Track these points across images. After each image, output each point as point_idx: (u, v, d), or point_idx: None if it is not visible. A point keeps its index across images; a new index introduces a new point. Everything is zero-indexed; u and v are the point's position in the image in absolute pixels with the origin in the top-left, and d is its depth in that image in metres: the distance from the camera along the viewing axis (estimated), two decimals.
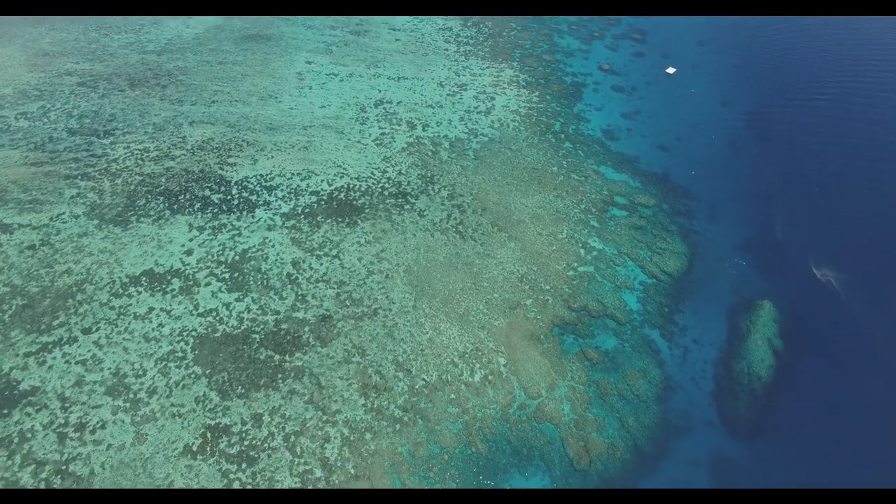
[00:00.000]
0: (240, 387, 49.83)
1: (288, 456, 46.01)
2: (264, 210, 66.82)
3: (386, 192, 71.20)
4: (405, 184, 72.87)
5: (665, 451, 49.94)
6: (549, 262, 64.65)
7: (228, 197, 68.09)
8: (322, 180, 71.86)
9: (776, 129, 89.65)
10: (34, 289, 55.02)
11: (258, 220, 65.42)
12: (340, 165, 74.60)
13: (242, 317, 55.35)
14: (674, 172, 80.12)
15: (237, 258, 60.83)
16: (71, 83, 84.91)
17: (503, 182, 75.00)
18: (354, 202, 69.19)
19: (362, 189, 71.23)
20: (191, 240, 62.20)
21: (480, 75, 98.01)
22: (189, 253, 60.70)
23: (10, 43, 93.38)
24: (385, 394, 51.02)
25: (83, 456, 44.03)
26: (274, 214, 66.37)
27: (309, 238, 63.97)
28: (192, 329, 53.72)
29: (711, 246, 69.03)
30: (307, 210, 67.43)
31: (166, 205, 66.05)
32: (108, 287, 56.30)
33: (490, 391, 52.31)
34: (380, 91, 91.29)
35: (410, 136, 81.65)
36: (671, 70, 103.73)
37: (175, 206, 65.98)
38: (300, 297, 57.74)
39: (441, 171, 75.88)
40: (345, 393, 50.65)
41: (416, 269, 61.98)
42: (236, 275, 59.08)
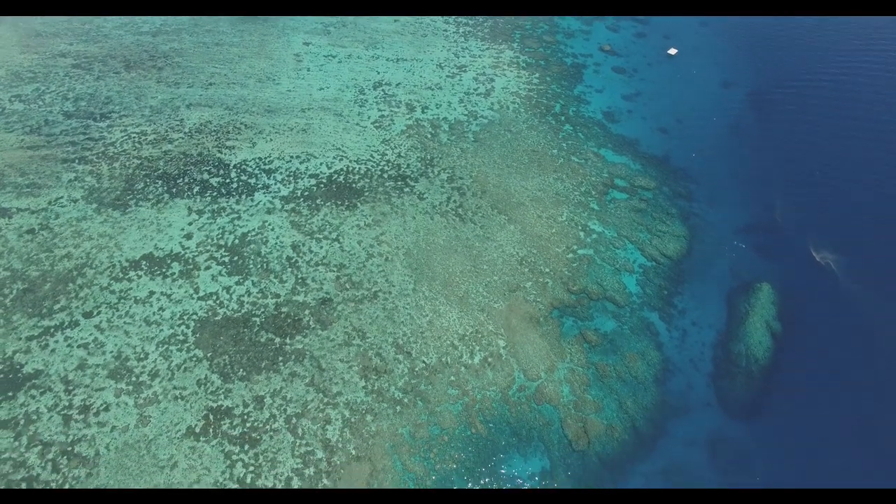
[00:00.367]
0: (241, 369, 50.21)
1: (290, 437, 46.53)
2: (263, 193, 66.59)
3: (385, 175, 70.90)
4: (404, 166, 72.54)
5: (663, 431, 50.54)
6: (549, 244, 64.68)
7: (227, 180, 67.80)
8: (321, 163, 71.49)
9: (778, 110, 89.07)
10: (34, 273, 55.07)
11: (257, 204, 65.23)
12: (339, 148, 74.16)
13: (243, 300, 55.52)
14: (674, 155, 79.77)
15: (237, 242, 60.80)
16: (65, 65, 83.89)
17: (503, 165, 74.67)
18: (354, 185, 68.94)
19: (361, 172, 70.91)
20: (190, 223, 62.08)
21: (480, 57, 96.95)
22: (189, 237, 60.64)
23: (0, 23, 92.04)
24: (385, 376, 51.44)
25: (88, 437, 44.54)
26: (273, 198, 66.16)
27: (308, 221, 63.86)
28: (192, 313, 53.92)
29: (711, 229, 69.05)
30: (306, 193, 67.20)
31: (165, 188, 65.79)
32: (108, 271, 56.36)
33: (490, 373, 52.74)
34: (378, 73, 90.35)
35: (410, 119, 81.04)
36: (673, 51, 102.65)
37: (174, 190, 65.72)
38: (300, 281, 57.87)
39: (440, 153, 75.47)
40: (345, 375, 51.07)
41: (415, 251, 62.01)
42: (236, 258, 59.11)
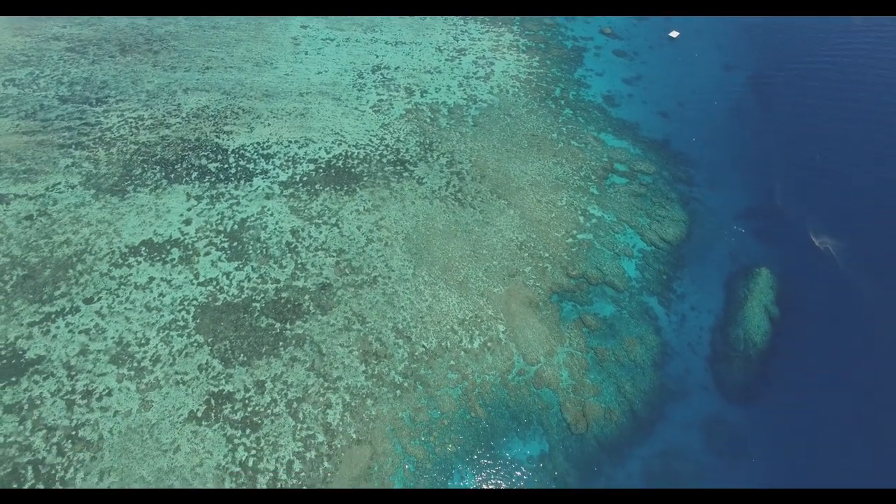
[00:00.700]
0: (242, 355, 50.49)
1: (291, 421, 46.97)
2: (262, 178, 66.31)
3: (384, 160, 70.55)
4: (403, 151, 72.14)
5: (661, 415, 51.01)
6: (549, 229, 64.63)
7: (226, 165, 67.46)
8: (320, 148, 71.08)
9: (779, 94, 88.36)
10: (34, 259, 55.05)
11: (256, 189, 64.99)
12: (338, 133, 73.67)
13: (243, 286, 55.62)
14: (675, 139, 79.31)
15: (236, 227, 60.70)
16: (59, 48, 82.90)
17: (502, 149, 74.26)
18: (353, 170, 68.63)
19: (360, 157, 70.55)
20: (189, 209, 61.92)
21: (479, 40, 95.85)
22: (188, 222, 60.52)
23: None
24: (385, 360, 51.75)
25: (91, 422, 44.94)
26: (272, 183, 65.90)
27: (307, 206, 63.70)
28: (192, 298, 54.05)
29: (711, 213, 68.93)
30: (305, 178, 66.92)
31: (163, 174, 65.48)
32: (107, 257, 56.35)
33: (489, 357, 53.07)
34: (377, 56, 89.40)
35: (409, 103, 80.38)
36: (674, 34, 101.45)
37: (172, 176, 65.42)
38: (300, 266, 57.91)
39: (440, 137, 75.01)
40: (345, 360, 51.38)
41: (415, 236, 61.97)
42: (235, 244, 59.07)
